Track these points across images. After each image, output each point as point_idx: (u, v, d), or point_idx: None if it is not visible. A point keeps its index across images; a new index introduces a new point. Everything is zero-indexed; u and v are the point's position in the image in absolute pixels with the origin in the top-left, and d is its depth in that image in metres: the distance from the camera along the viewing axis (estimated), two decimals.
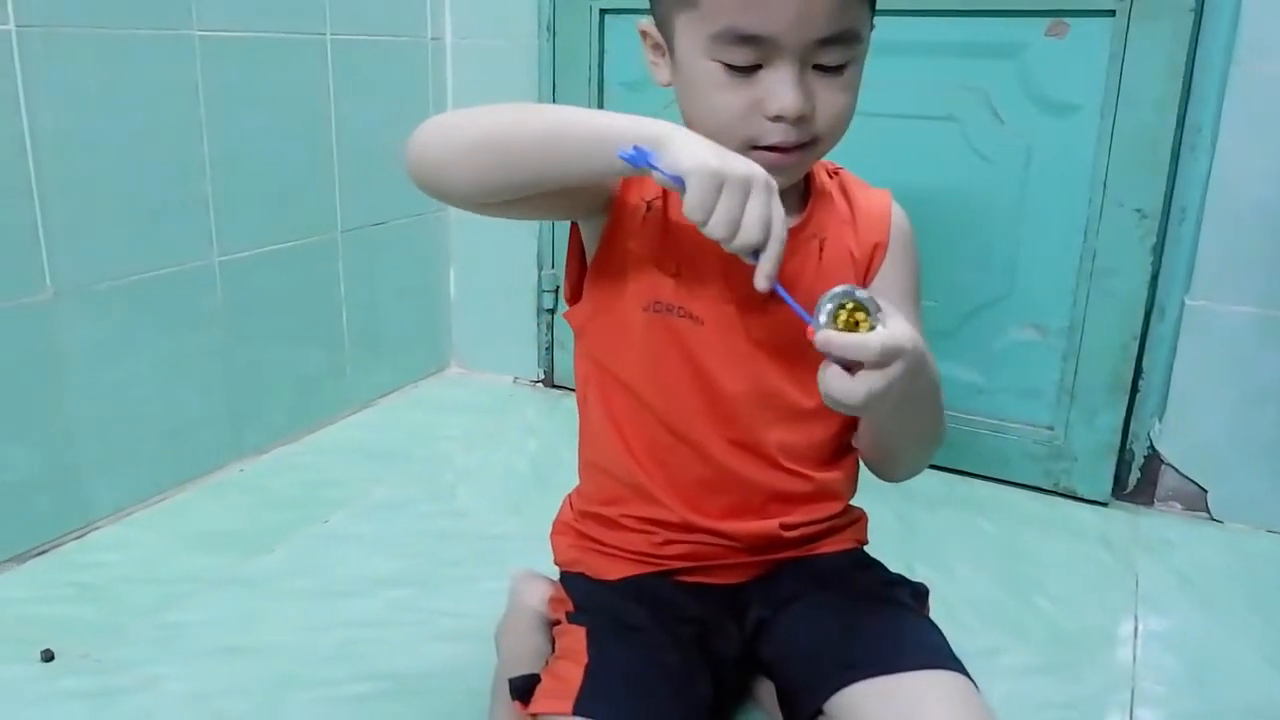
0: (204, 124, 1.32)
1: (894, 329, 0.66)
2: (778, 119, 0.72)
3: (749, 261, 0.67)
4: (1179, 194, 1.31)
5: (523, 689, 0.79)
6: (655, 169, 0.67)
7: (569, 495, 0.95)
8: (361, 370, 1.68)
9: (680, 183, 0.66)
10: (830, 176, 0.86)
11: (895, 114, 1.42)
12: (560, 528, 0.93)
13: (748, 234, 0.66)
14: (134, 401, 1.30)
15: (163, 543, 1.24)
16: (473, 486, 1.43)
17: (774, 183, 0.67)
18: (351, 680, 0.99)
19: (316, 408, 1.60)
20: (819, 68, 0.72)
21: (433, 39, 1.69)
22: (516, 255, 1.77)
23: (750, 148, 0.74)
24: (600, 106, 1.65)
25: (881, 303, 0.67)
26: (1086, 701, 1.00)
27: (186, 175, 1.32)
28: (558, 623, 0.87)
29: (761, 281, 0.67)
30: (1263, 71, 1.22)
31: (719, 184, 0.65)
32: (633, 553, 0.86)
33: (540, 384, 1.82)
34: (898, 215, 0.87)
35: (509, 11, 1.66)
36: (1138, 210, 1.30)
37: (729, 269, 0.79)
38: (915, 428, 0.81)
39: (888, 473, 0.88)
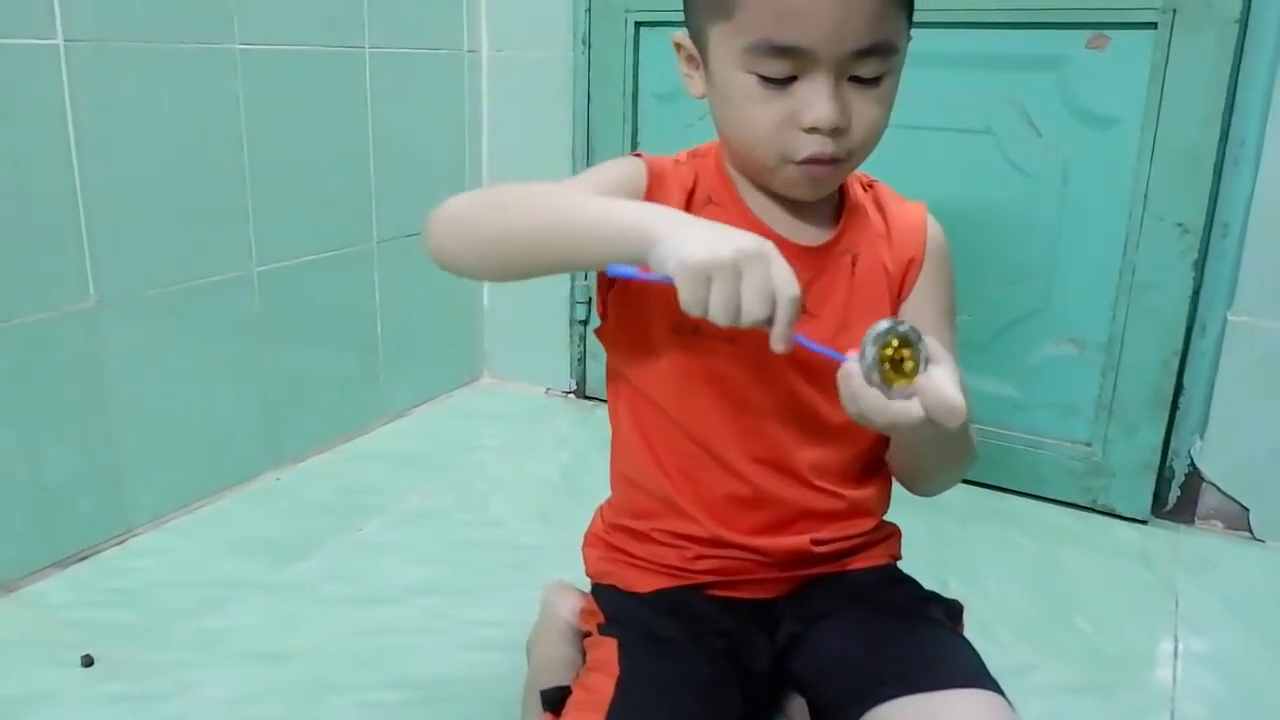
0: (244, 135, 1.34)
1: (943, 381, 0.63)
2: (813, 131, 0.71)
3: (765, 330, 0.65)
4: (1221, 208, 1.29)
5: (554, 700, 0.79)
6: (643, 278, 0.66)
7: (600, 507, 0.95)
8: (395, 379, 1.69)
9: (672, 282, 0.64)
10: (865, 190, 0.85)
11: (932, 126, 1.41)
12: (591, 540, 0.93)
13: (750, 314, 0.63)
14: (174, 409, 1.32)
15: (201, 549, 1.26)
16: (505, 496, 1.43)
17: (769, 248, 0.64)
18: (384, 687, 1.00)
19: (351, 416, 1.62)
20: (855, 79, 0.72)
21: (469, 51, 1.71)
22: None
23: (786, 161, 0.74)
24: (635, 119, 1.66)
25: (922, 332, 0.65)
26: None
27: (226, 186, 1.34)
28: (589, 634, 0.87)
29: (777, 345, 0.64)
30: None
31: (707, 276, 0.62)
32: (664, 566, 0.86)
33: (572, 395, 1.83)
34: (933, 229, 0.85)
35: (544, 24, 1.67)
36: (1179, 225, 1.28)
37: None
38: (949, 450, 0.80)
39: (919, 489, 0.88)
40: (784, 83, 0.71)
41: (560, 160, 1.71)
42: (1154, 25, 1.25)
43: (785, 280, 0.64)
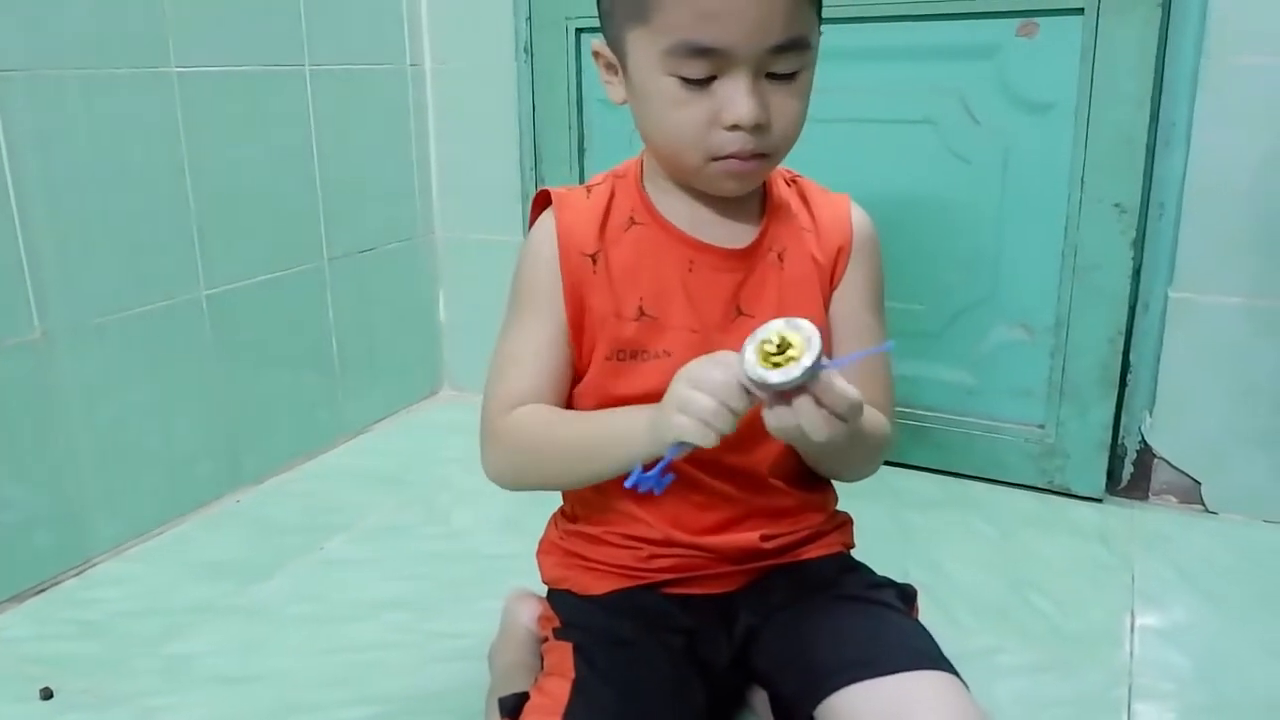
0: (186, 159, 1.33)
1: (834, 378, 0.66)
2: (735, 129, 0.72)
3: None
4: (1156, 188, 1.31)
5: (512, 707, 0.80)
6: (660, 468, 0.70)
7: (554, 515, 0.95)
8: (355, 397, 1.68)
9: (679, 448, 0.69)
10: (789, 185, 0.86)
11: (872, 119, 1.42)
12: (546, 546, 0.94)
13: (728, 421, 0.67)
14: (129, 436, 1.31)
15: (162, 575, 1.25)
16: (468, 508, 1.43)
17: (736, 382, 0.66)
18: (352, 704, 0.99)
19: (311, 436, 1.61)
20: (772, 76, 0.73)
21: (411, 65, 1.71)
22: (504, 277, 1.76)
23: (710, 159, 0.75)
24: (580, 125, 1.66)
25: (808, 322, 0.66)
26: (1087, 698, 1.00)
27: (170, 210, 1.33)
28: (546, 640, 0.87)
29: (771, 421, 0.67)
30: (1233, 64, 1.23)
31: (704, 426, 0.67)
32: (618, 567, 0.86)
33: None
34: (858, 217, 0.86)
35: (486, 35, 1.67)
36: (1116, 205, 1.30)
37: (692, 296, 0.80)
38: (859, 446, 0.81)
39: (839, 479, 0.91)
40: (704, 83, 0.72)
41: (509, 171, 1.71)
42: (1080, 10, 1.27)
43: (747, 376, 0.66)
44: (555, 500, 0.96)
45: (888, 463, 1.09)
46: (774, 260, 0.83)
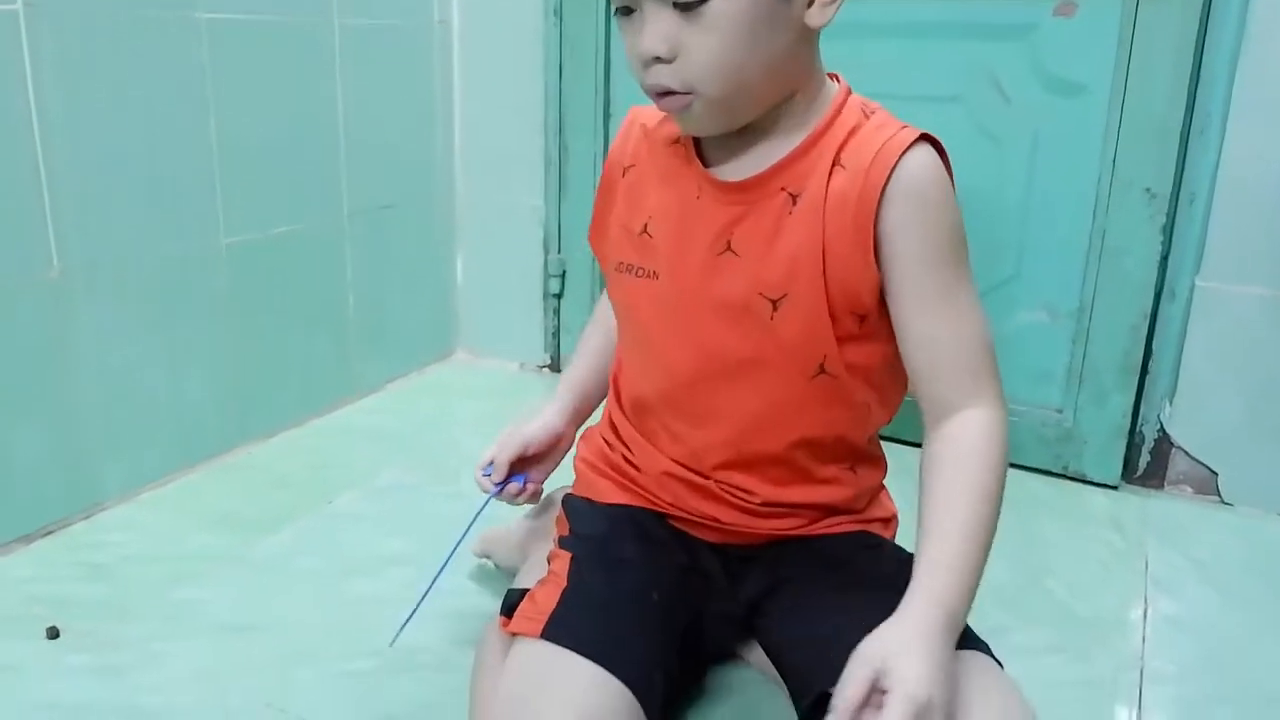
0: (211, 105, 1.32)
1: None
2: (648, 63, 0.71)
3: None
4: (1189, 176, 1.30)
5: (511, 605, 0.82)
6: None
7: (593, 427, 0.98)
8: (367, 355, 1.67)
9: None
10: (866, 118, 0.78)
11: (902, 95, 1.38)
12: (581, 450, 0.96)
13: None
14: (141, 382, 1.30)
15: (170, 523, 1.24)
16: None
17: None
18: (355, 656, 0.99)
19: (323, 393, 1.60)
20: (678, 6, 0.69)
21: (439, 22, 1.69)
22: (523, 240, 1.77)
23: (651, 94, 0.74)
24: (607, 89, 1.65)
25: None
26: (1097, 682, 0.99)
27: (194, 157, 1.32)
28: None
29: None
30: (1273, 53, 1.21)
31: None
32: (631, 482, 0.90)
33: (546, 369, 1.82)
34: (917, 160, 0.74)
35: None
36: (1147, 190, 1.29)
37: (687, 223, 0.80)
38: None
39: None
40: (628, 14, 0.72)
41: (533, 134, 1.70)
42: None
43: None
44: (570, 466, 0.98)
45: (902, 441, 1.08)
46: (783, 199, 0.76)
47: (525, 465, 0.95)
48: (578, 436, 0.99)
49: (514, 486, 0.94)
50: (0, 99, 1.09)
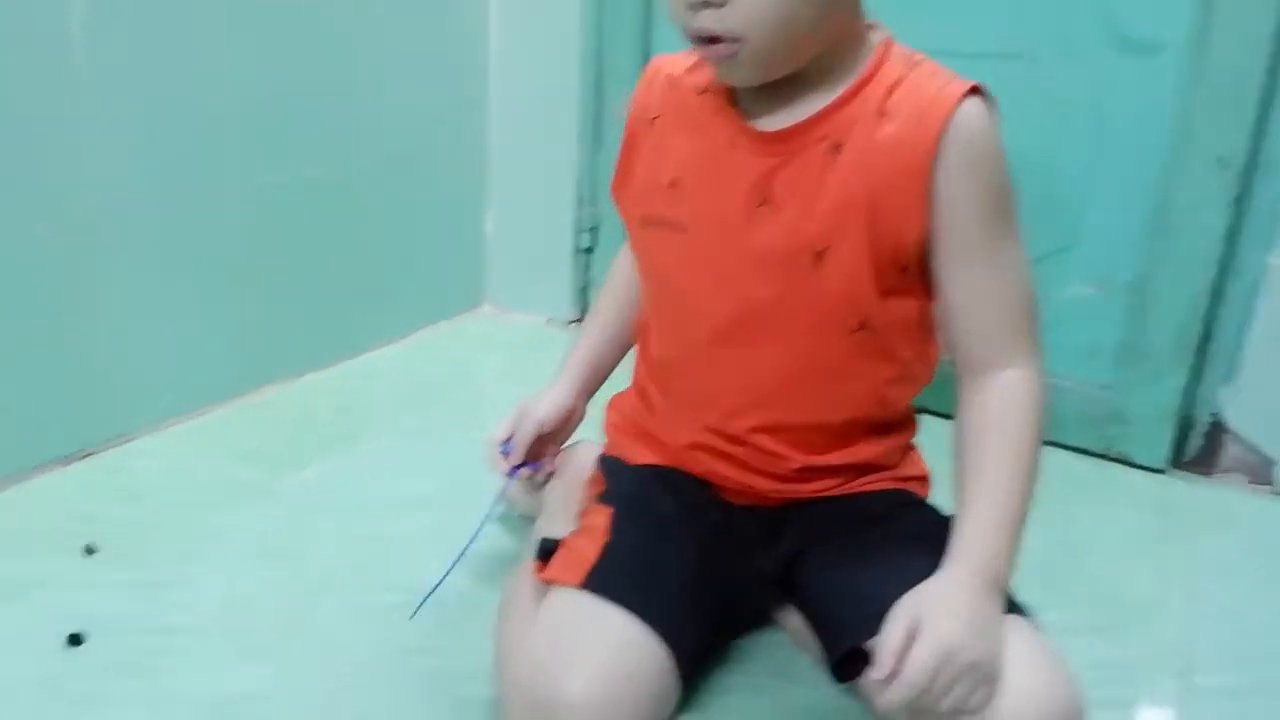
0: (245, 46, 1.30)
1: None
2: (695, 6, 0.68)
3: None
4: (1267, 143, 1.22)
5: (546, 552, 0.80)
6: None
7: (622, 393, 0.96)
8: (395, 303, 1.65)
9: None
10: (911, 69, 0.75)
11: (961, 52, 1.32)
12: (612, 414, 0.94)
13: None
14: (176, 316, 1.30)
15: (199, 455, 1.25)
16: (502, 418, 1.38)
17: None
18: (379, 590, 0.99)
19: (350, 338, 1.57)
20: None
21: None
22: (555, 193, 1.72)
23: (691, 40, 0.71)
24: (646, 43, 1.59)
25: None
26: (1137, 664, 0.95)
27: (234, 96, 1.30)
28: (588, 501, 0.88)
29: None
30: None
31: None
32: (665, 444, 0.88)
33: (573, 324, 1.78)
34: (967, 112, 0.71)
35: None
36: (1219, 159, 1.21)
37: (721, 173, 0.77)
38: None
39: None
40: None
41: (569, 85, 1.64)
42: None
43: None
44: (593, 423, 0.98)
45: (939, 414, 1.03)
46: (825, 150, 0.73)
47: (539, 444, 0.96)
48: (604, 405, 0.98)
49: (526, 472, 0.97)
50: (39, 41, 1.08)
